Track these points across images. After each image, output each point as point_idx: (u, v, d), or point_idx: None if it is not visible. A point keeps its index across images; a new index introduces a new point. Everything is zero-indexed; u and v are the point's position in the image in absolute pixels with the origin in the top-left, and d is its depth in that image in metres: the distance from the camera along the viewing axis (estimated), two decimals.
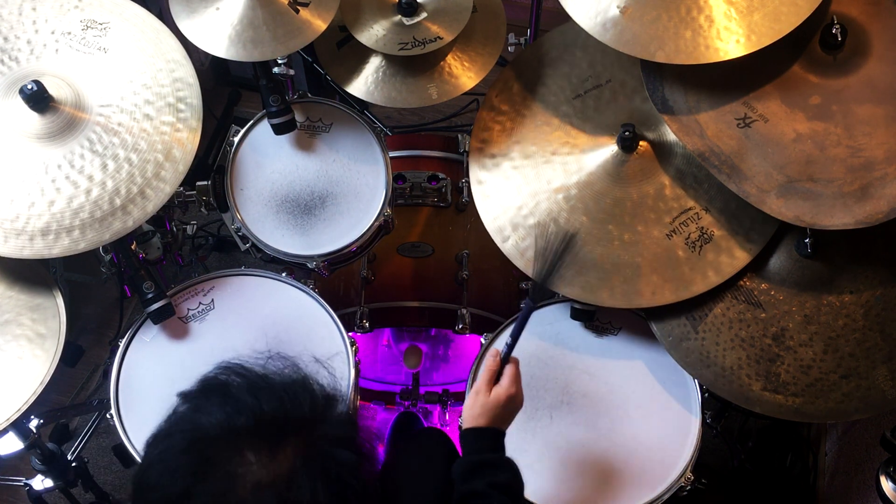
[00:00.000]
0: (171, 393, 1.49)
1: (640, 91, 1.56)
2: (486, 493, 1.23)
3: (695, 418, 1.52)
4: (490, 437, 1.31)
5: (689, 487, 1.47)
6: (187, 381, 1.49)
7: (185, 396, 0.98)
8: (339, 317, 1.60)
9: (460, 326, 1.81)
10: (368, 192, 1.68)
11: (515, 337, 1.36)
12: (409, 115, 2.73)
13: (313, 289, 1.64)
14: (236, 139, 1.70)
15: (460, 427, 1.43)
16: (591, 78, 1.62)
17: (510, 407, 1.34)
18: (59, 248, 1.36)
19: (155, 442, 0.96)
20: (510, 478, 1.28)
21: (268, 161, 1.70)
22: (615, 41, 1.39)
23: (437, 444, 1.63)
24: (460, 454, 1.55)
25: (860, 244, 1.43)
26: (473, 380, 1.55)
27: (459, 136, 2.02)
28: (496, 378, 1.34)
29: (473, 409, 1.33)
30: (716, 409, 1.68)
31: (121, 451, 1.73)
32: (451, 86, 1.67)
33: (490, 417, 1.31)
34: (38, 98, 1.36)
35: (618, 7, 1.39)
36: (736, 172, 1.36)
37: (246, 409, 0.92)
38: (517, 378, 1.34)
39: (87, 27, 1.48)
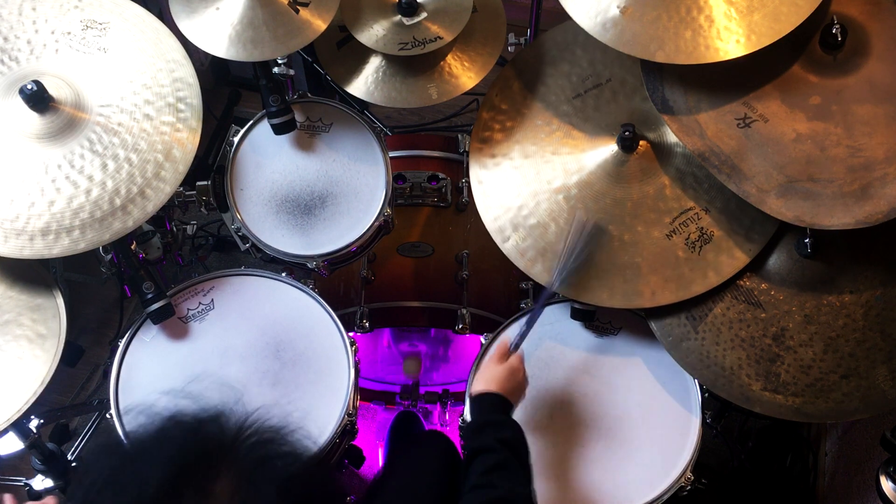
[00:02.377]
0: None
1: (640, 90, 1.56)
2: (492, 447, 1.28)
3: (695, 418, 1.52)
4: (500, 402, 1.37)
5: (689, 487, 1.47)
6: (187, 381, 1.51)
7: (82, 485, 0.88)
8: (339, 317, 1.60)
9: (460, 326, 1.81)
10: (368, 192, 1.68)
11: (531, 324, 1.48)
12: (409, 115, 2.73)
13: (313, 289, 1.64)
14: (236, 139, 1.70)
15: (469, 395, 1.46)
16: (591, 77, 1.62)
17: (519, 380, 1.43)
18: (59, 248, 1.36)
19: None
20: (515, 434, 1.33)
21: (268, 161, 1.70)
22: (615, 41, 1.39)
23: (437, 448, 1.63)
24: (461, 456, 1.56)
25: (860, 244, 1.43)
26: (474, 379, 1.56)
27: (459, 136, 2.02)
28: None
29: (490, 373, 1.40)
30: (716, 409, 1.68)
31: None
32: (451, 86, 1.67)
33: (501, 384, 1.39)
34: (38, 98, 1.36)
35: (618, 7, 1.39)
36: (736, 172, 1.36)
37: (157, 463, 0.84)
38: (523, 362, 1.45)
39: (87, 27, 1.48)
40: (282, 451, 0.88)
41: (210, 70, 2.72)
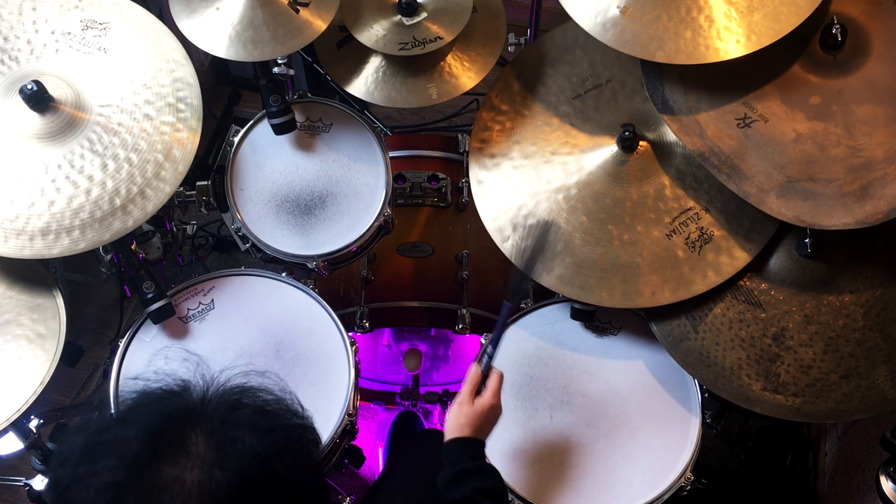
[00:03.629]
0: None
1: (640, 91, 1.56)
2: (472, 499, 1.24)
3: (695, 418, 1.52)
4: (473, 446, 1.33)
5: (689, 487, 1.47)
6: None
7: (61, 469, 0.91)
8: (339, 317, 1.60)
9: (460, 326, 1.81)
10: (368, 192, 1.68)
11: (496, 343, 1.39)
12: (409, 115, 2.73)
13: (313, 289, 1.64)
14: (236, 139, 1.70)
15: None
16: (591, 78, 1.62)
17: (491, 417, 1.36)
18: (59, 248, 1.36)
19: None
20: (495, 483, 1.29)
21: (268, 161, 1.70)
22: (615, 41, 1.39)
23: (437, 446, 1.63)
24: None
25: (860, 244, 1.43)
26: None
27: (459, 136, 2.02)
28: (478, 389, 1.37)
29: (458, 420, 1.34)
30: (716, 409, 1.68)
31: None
32: (451, 86, 1.67)
33: (473, 428, 1.33)
34: (38, 98, 1.36)
35: (618, 7, 1.39)
36: (736, 172, 1.36)
37: (133, 428, 0.88)
38: (498, 390, 1.37)
39: (87, 27, 1.48)
40: (248, 402, 0.93)
41: (210, 70, 2.72)
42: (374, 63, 1.68)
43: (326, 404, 1.51)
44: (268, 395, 0.95)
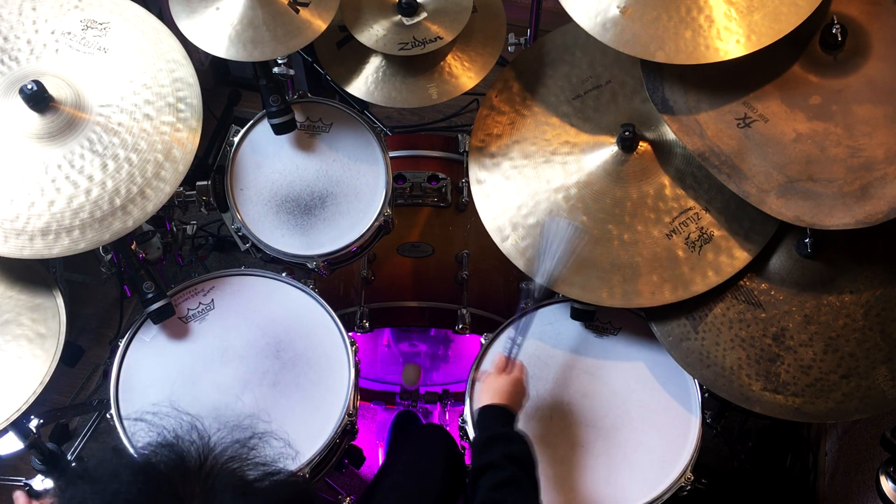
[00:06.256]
0: (170, 393, 1.51)
1: (639, 92, 1.56)
2: (499, 464, 1.28)
3: (695, 418, 1.52)
4: (504, 414, 1.38)
5: (689, 487, 1.47)
6: (187, 381, 1.51)
7: None
8: (339, 317, 1.60)
9: (460, 326, 1.82)
10: (368, 192, 1.68)
11: (524, 333, 1.50)
12: (409, 115, 2.73)
13: (313, 289, 1.64)
14: (236, 139, 1.70)
15: (470, 410, 1.49)
16: (591, 78, 1.62)
17: (521, 391, 1.43)
18: (59, 248, 1.36)
19: None
20: (523, 449, 1.33)
21: (268, 161, 1.70)
22: (615, 41, 1.39)
23: (436, 440, 1.64)
24: (458, 449, 1.57)
25: (860, 244, 1.43)
26: (474, 380, 1.56)
27: (459, 136, 2.02)
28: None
29: (493, 386, 1.41)
30: (716, 409, 1.68)
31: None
32: (451, 86, 1.67)
33: (508, 395, 1.40)
34: (38, 98, 1.36)
35: (618, 7, 1.39)
36: (736, 172, 1.36)
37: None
38: (525, 374, 1.46)
39: (87, 27, 1.48)
40: (247, 474, 0.88)
41: (210, 70, 2.72)
42: (374, 63, 1.68)
43: (326, 404, 1.51)
44: (268, 466, 0.90)
